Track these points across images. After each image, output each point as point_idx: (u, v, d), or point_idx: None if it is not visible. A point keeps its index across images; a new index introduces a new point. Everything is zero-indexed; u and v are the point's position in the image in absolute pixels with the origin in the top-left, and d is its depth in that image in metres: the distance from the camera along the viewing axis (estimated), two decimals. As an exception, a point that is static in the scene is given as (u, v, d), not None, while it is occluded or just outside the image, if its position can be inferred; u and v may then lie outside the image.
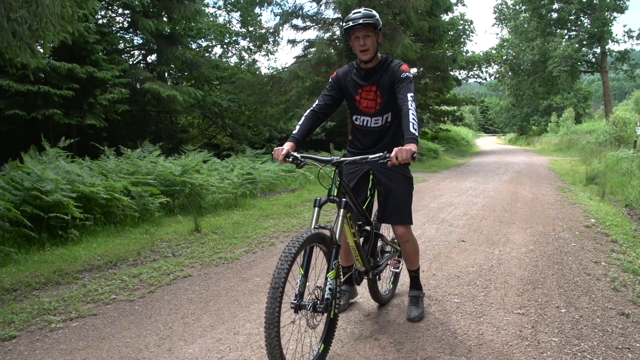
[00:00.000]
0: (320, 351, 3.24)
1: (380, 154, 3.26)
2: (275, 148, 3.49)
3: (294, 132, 3.68)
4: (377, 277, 4.22)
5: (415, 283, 4.19)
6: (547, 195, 11.15)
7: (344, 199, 3.32)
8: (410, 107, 3.40)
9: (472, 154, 32.68)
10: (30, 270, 5.64)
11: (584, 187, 12.53)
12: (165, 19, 19.30)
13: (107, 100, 15.27)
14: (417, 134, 3.29)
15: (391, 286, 4.61)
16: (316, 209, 3.28)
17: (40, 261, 6.01)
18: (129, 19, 19.44)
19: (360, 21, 3.50)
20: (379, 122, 3.83)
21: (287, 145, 3.51)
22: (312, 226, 3.20)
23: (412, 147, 3.17)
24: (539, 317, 4.06)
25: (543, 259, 5.82)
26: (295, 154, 3.43)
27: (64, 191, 7.42)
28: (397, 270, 4.35)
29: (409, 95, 3.48)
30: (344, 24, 3.63)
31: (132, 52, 23.04)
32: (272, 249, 6.65)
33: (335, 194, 3.32)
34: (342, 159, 3.39)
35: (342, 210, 3.29)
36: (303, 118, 3.78)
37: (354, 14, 3.57)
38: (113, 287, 5.14)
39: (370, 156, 3.31)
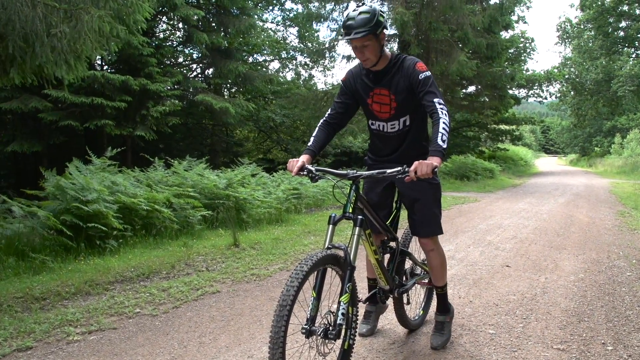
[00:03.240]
0: None
1: (399, 167, 3.04)
2: (290, 160, 3.27)
3: (309, 144, 3.48)
4: (407, 299, 3.94)
5: (442, 305, 3.86)
6: (604, 220, 10.56)
7: (359, 217, 3.09)
8: (441, 115, 3.12)
9: (530, 175, 31.73)
10: (63, 279, 5.62)
11: (646, 213, 11.85)
12: (222, 33, 19.55)
13: (159, 113, 15.47)
14: (444, 146, 3.02)
15: (421, 312, 4.31)
16: (330, 226, 3.06)
17: (74, 270, 6.00)
18: (187, 33, 19.77)
19: (352, 35, 3.13)
20: (395, 127, 3.53)
21: (303, 158, 3.28)
22: (325, 245, 3.00)
23: (434, 160, 2.94)
24: (580, 354, 3.69)
25: (593, 288, 5.40)
26: (310, 167, 3.21)
27: (106, 202, 7.44)
28: (425, 282, 4.07)
29: (437, 100, 3.19)
30: (342, 30, 3.31)
31: (190, 66, 23.50)
32: (306, 267, 6.44)
33: (350, 211, 3.09)
34: (358, 173, 3.15)
35: (357, 228, 3.08)
36: (317, 129, 3.56)
37: (348, 19, 3.18)
38: (140, 300, 5.05)
39: (388, 171, 3.08)
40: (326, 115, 3.61)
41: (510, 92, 28.55)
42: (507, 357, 3.62)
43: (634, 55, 35.93)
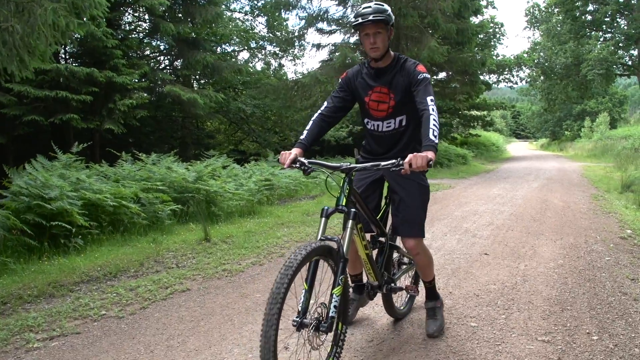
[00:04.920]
0: None
1: (393, 160, 3.02)
2: (282, 152, 3.25)
3: (302, 137, 3.46)
4: (393, 291, 3.85)
5: (430, 294, 3.88)
6: (579, 204, 10.55)
7: (352, 210, 3.07)
8: (431, 112, 3.15)
9: (503, 160, 31.89)
10: (25, 281, 5.33)
11: (619, 195, 11.86)
12: (189, 23, 19.13)
13: (126, 106, 15.05)
14: (436, 141, 3.05)
15: (407, 300, 4.30)
16: (323, 219, 3.02)
17: (37, 272, 5.70)
18: (152, 24, 19.29)
19: (370, 17, 3.21)
20: (391, 126, 3.55)
21: (295, 151, 3.27)
22: (318, 237, 2.96)
23: (429, 154, 2.93)
24: (566, 345, 3.56)
25: (573, 275, 5.30)
26: (303, 159, 3.19)
27: (71, 198, 7.15)
28: (414, 294, 4.03)
29: (429, 99, 3.23)
30: (353, 19, 3.34)
31: (158, 58, 23.03)
32: (280, 261, 6.24)
33: (343, 204, 3.06)
34: (352, 165, 3.14)
35: (350, 221, 3.05)
36: (311, 122, 3.54)
37: (363, 8, 3.28)
38: (106, 301, 4.80)
39: (383, 163, 3.07)
40: (322, 108, 3.60)
41: (482, 77, 28.56)
42: (490, 352, 3.47)
43: (602, 39, 36.22)
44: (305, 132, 3.48)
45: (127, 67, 15.94)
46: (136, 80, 15.76)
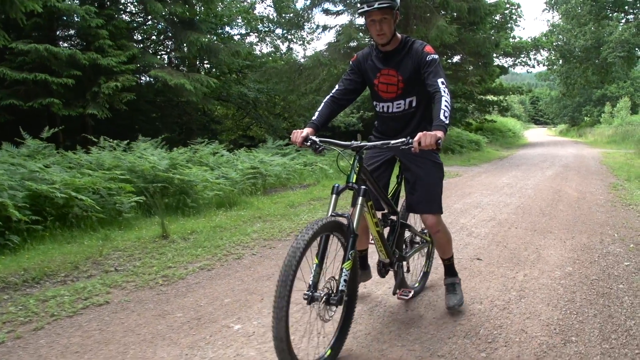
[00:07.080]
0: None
1: (403, 139, 3.05)
2: (294, 131, 3.34)
3: (313, 118, 3.53)
4: (407, 268, 4.02)
5: (449, 271, 3.95)
6: (596, 194, 9.45)
7: (362, 187, 3.13)
8: (443, 93, 3.18)
9: (519, 146, 30.71)
10: None
11: (640, 184, 10.76)
12: (185, 5, 18.14)
13: (111, 89, 14.06)
14: (447, 122, 3.08)
15: (421, 279, 4.34)
16: (334, 196, 3.08)
17: (-55, 277, 4.80)
18: (142, 4, 18.32)
19: (376, 5, 3.19)
20: (401, 107, 3.57)
21: (307, 130, 3.37)
22: (329, 214, 3.01)
23: (438, 133, 2.95)
24: (566, 404, 2.55)
25: (583, 288, 4.25)
26: (314, 138, 3.28)
27: (13, 189, 6.33)
28: (405, 297, 3.79)
29: (440, 81, 3.24)
30: (359, 5, 3.29)
31: (164, 41, 22.17)
32: (233, 265, 5.27)
33: (354, 181, 3.11)
34: (362, 143, 3.19)
35: (360, 198, 3.10)
36: (322, 104, 3.61)
37: None
38: (2, 318, 3.86)
39: (392, 141, 3.13)
40: (333, 91, 3.65)
41: (497, 61, 27.34)
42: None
43: (623, 20, 34.73)
44: (316, 113, 3.55)
45: (115, 48, 14.99)
46: (118, 62, 14.67)
